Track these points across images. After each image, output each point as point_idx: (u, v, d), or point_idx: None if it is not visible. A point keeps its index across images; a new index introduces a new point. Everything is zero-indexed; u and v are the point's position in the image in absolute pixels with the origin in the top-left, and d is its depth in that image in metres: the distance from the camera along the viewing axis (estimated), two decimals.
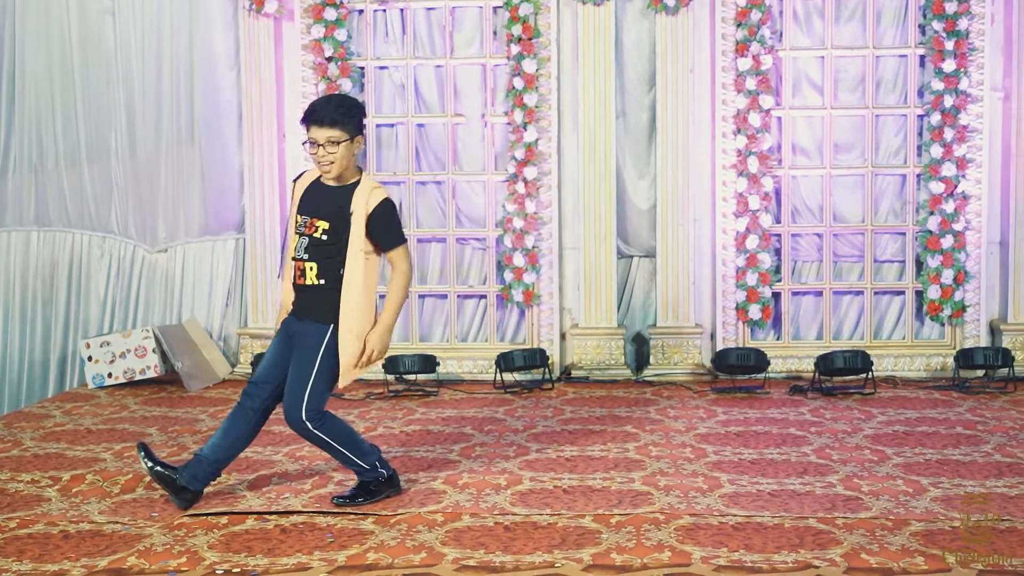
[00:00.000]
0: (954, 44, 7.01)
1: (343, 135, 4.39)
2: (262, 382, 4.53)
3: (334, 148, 4.39)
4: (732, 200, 7.20)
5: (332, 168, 4.41)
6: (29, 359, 7.82)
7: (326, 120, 4.38)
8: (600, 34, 7.17)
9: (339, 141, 4.39)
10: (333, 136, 4.38)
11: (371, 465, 4.57)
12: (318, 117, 4.38)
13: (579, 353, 7.28)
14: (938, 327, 7.29)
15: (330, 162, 4.40)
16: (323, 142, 4.38)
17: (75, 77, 7.68)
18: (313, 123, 4.39)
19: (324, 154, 4.39)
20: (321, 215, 4.43)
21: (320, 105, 4.45)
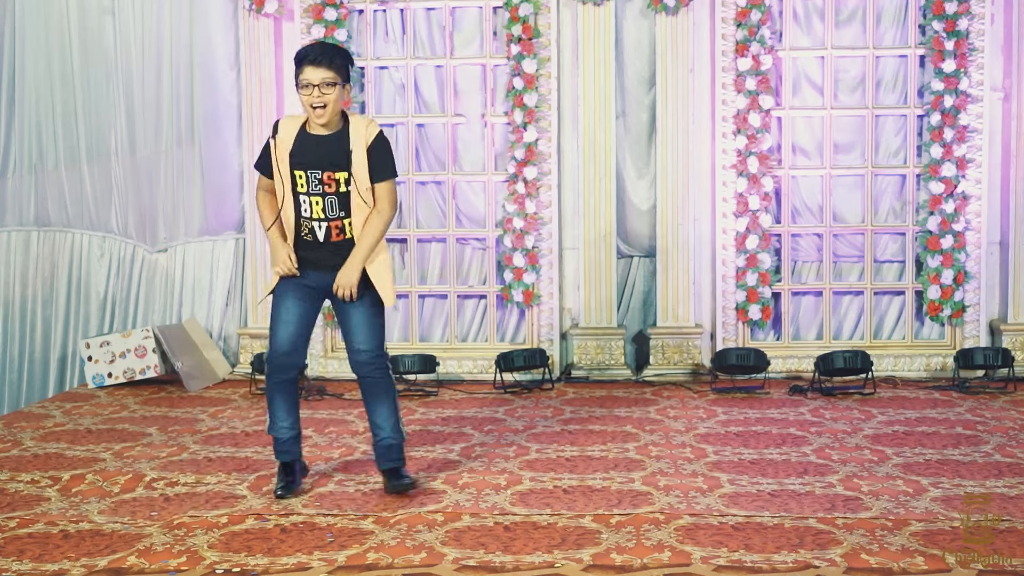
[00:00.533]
0: (954, 44, 7.01)
1: (337, 77, 4.42)
2: (292, 351, 4.56)
3: (329, 90, 4.41)
4: (732, 200, 7.20)
5: (325, 111, 4.42)
6: (29, 359, 7.82)
7: (322, 61, 4.40)
8: (600, 34, 7.17)
9: (333, 83, 4.41)
10: (328, 78, 4.40)
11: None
12: (313, 58, 4.40)
13: (579, 353, 7.28)
14: (938, 327, 7.29)
15: (323, 104, 4.41)
16: (318, 83, 4.39)
17: (75, 77, 7.68)
18: (308, 64, 4.40)
19: (319, 95, 4.40)
20: (337, 167, 4.45)
21: (314, 47, 4.49)
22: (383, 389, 4.63)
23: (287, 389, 4.66)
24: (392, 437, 4.67)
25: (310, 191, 4.46)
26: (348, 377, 7.33)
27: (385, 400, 4.65)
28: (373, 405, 4.66)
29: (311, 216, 4.49)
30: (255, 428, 6.01)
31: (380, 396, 4.64)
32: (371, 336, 4.57)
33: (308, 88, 4.41)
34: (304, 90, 4.42)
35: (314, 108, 4.42)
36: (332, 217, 4.48)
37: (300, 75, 4.43)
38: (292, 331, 4.55)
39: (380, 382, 4.62)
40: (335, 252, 4.53)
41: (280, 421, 4.68)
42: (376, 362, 4.59)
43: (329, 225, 4.49)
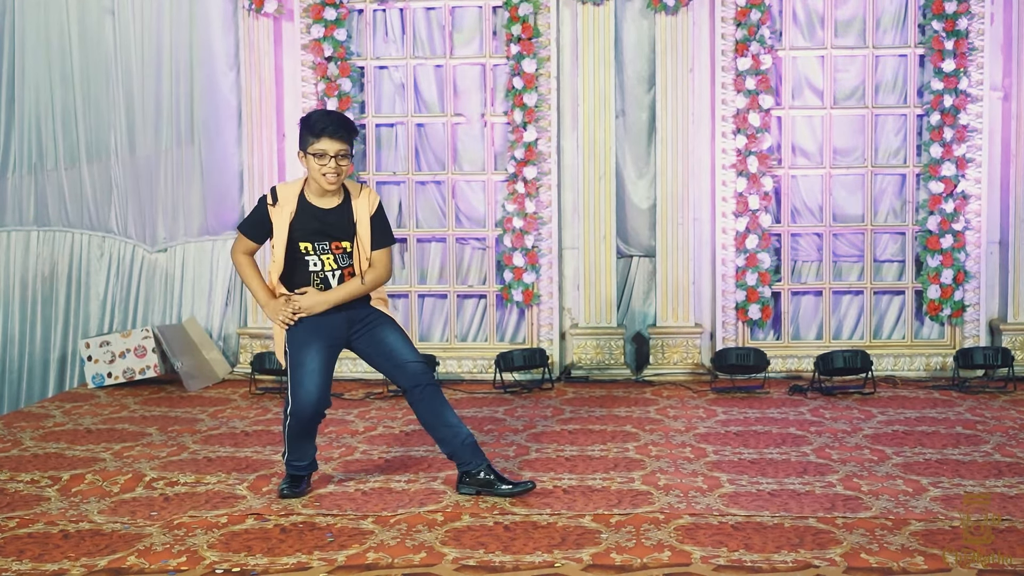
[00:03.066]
0: (954, 44, 7.01)
1: (350, 149, 4.51)
2: (321, 398, 4.55)
3: (344, 161, 4.48)
4: (732, 200, 7.20)
5: (337, 181, 4.49)
6: (29, 359, 7.82)
7: (341, 133, 4.46)
8: (600, 34, 7.17)
9: (347, 155, 4.48)
10: (343, 150, 4.47)
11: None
12: (334, 130, 4.44)
13: (579, 353, 7.28)
14: (938, 327, 7.29)
15: (337, 175, 4.48)
16: (334, 154, 4.45)
17: (75, 77, 7.68)
18: (327, 136, 4.44)
19: (335, 166, 4.46)
20: (341, 238, 4.55)
21: (331, 119, 4.51)
22: (439, 395, 4.64)
23: (311, 431, 4.68)
24: (470, 435, 4.67)
25: (318, 253, 4.55)
26: (348, 377, 7.35)
27: (445, 404, 4.65)
28: (439, 410, 4.63)
29: (322, 269, 4.56)
30: (255, 428, 6.01)
31: (440, 401, 4.63)
32: (413, 349, 4.65)
33: (324, 158, 4.45)
34: (319, 160, 4.45)
35: (326, 176, 4.46)
36: (344, 265, 4.58)
37: (315, 144, 4.45)
38: (319, 380, 4.53)
39: (435, 388, 4.64)
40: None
41: (300, 456, 4.69)
42: (427, 371, 4.62)
43: (342, 271, 4.57)
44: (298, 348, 4.53)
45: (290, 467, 4.71)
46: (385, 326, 4.63)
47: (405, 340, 4.64)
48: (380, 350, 4.62)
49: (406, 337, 4.67)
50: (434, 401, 4.61)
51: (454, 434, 4.63)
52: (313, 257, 4.55)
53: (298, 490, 4.68)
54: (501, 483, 4.60)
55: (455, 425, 4.64)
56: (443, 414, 4.63)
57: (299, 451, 4.68)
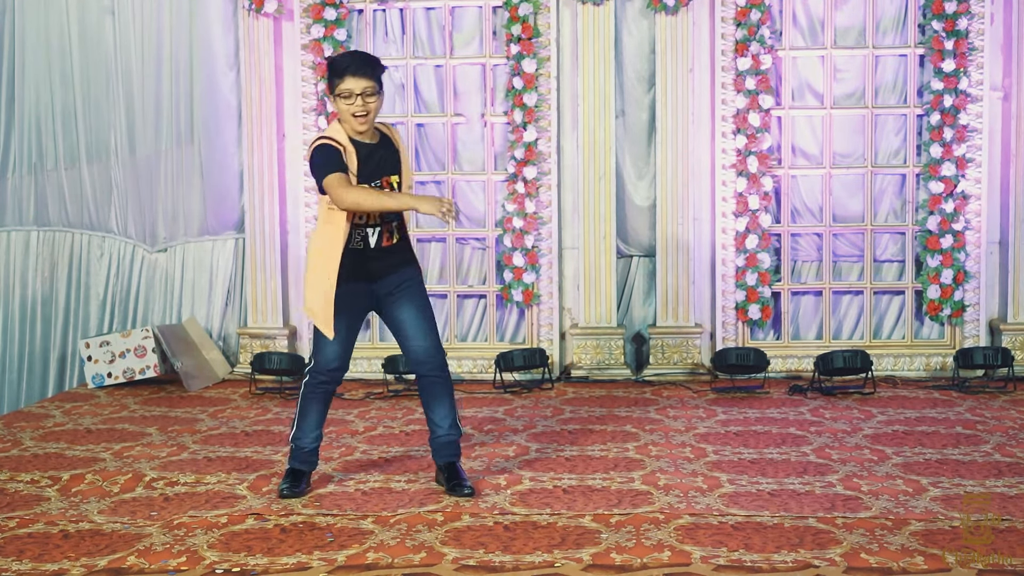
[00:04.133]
0: (954, 44, 7.01)
1: (377, 86, 4.49)
2: (340, 365, 4.61)
3: (371, 99, 4.47)
4: (732, 200, 7.20)
5: (367, 119, 4.48)
6: (28, 359, 7.82)
7: (365, 70, 4.45)
8: (600, 34, 7.17)
9: (374, 92, 4.47)
10: (369, 87, 4.46)
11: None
12: (356, 68, 4.44)
13: (579, 353, 7.28)
14: (938, 327, 7.29)
15: (365, 112, 4.46)
16: (360, 92, 4.44)
17: (75, 77, 7.68)
18: (350, 74, 4.43)
19: (361, 104, 4.45)
20: (391, 171, 4.57)
21: (354, 57, 4.52)
22: (443, 385, 4.66)
23: (325, 399, 4.70)
24: (451, 434, 4.69)
25: None
26: (349, 377, 7.31)
27: (445, 397, 4.68)
28: (432, 403, 4.68)
29: (366, 222, 4.52)
30: (255, 428, 6.01)
31: (441, 393, 4.66)
32: (431, 331, 4.65)
33: (350, 97, 4.44)
34: (346, 100, 4.45)
35: (356, 116, 4.46)
36: (385, 221, 4.55)
37: (340, 84, 4.45)
38: (340, 347, 4.58)
39: (439, 380, 4.65)
40: (384, 256, 4.57)
41: (309, 431, 4.70)
42: (438, 358, 4.64)
43: (382, 229, 4.54)
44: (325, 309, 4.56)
45: (293, 455, 4.71)
46: (408, 301, 4.61)
47: (421, 319, 4.62)
48: (399, 326, 4.65)
49: (427, 312, 4.65)
50: (427, 392, 4.67)
51: (431, 429, 4.72)
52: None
53: (298, 489, 4.68)
54: (450, 483, 4.67)
55: (436, 423, 4.68)
56: (432, 407, 4.68)
57: (307, 423, 4.68)
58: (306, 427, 4.70)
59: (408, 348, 4.65)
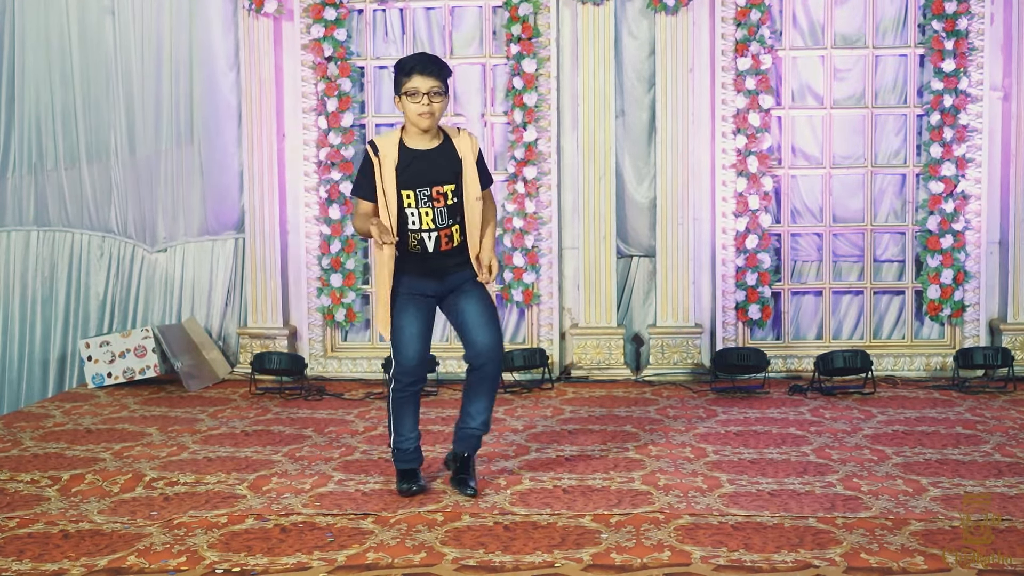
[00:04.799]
0: (954, 44, 7.01)
1: (444, 87, 4.50)
2: (420, 364, 4.64)
3: (437, 99, 4.48)
4: (732, 200, 7.20)
5: (432, 118, 4.49)
6: (28, 359, 7.82)
7: (432, 70, 4.47)
8: (600, 34, 7.17)
9: (440, 92, 4.48)
10: (436, 87, 4.47)
11: None
12: (423, 67, 4.47)
13: (579, 353, 7.28)
14: (938, 327, 7.29)
15: (431, 112, 4.47)
16: (427, 91, 4.45)
17: (74, 77, 7.68)
18: (417, 72, 4.46)
19: (427, 103, 4.45)
20: (445, 181, 4.54)
21: (421, 58, 4.55)
22: (490, 384, 4.69)
23: (415, 400, 4.72)
24: (481, 429, 4.73)
25: (418, 204, 4.52)
26: (348, 377, 7.36)
27: (491, 392, 4.70)
28: (473, 395, 4.70)
29: (420, 228, 4.52)
30: (255, 428, 6.01)
31: (488, 387, 4.69)
32: (493, 327, 4.64)
33: (416, 96, 4.45)
34: (412, 98, 4.46)
35: (420, 115, 4.47)
36: (442, 226, 4.54)
37: (407, 83, 4.47)
38: (418, 346, 4.61)
39: (489, 377, 4.67)
40: (444, 259, 4.59)
41: (407, 432, 4.72)
42: (496, 353, 4.64)
43: (439, 234, 4.54)
44: (398, 314, 4.59)
45: (397, 457, 4.73)
46: (472, 296, 4.63)
47: (484, 312, 4.62)
48: (461, 321, 4.66)
49: (488, 308, 4.64)
50: (476, 384, 4.69)
51: (463, 418, 4.74)
52: (413, 211, 4.52)
53: (419, 485, 4.70)
54: (457, 474, 4.71)
55: (471, 414, 4.71)
56: (472, 399, 4.72)
57: (405, 426, 4.69)
58: (404, 431, 4.72)
59: (469, 340, 4.65)
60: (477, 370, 4.66)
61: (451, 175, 4.56)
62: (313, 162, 7.38)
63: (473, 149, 4.61)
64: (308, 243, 7.42)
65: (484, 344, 4.61)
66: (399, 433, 4.72)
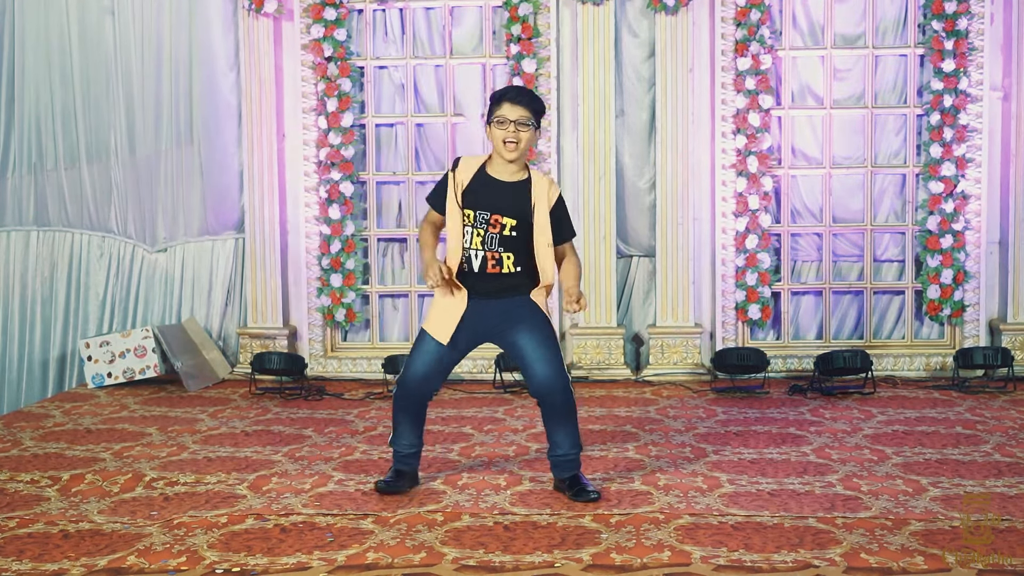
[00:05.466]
0: (953, 44, 7.01)
1: (533, 118, 4.50)
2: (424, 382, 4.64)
3: (524, 129, 4.48)
4: (732, 200, 7.20)
5: (516, 148, 4.48)
6: (28, 359, 7.82)
7: (522, 100, 4.49)
8: (600, 34, 7.17)
9: (528, 123, 4.48)
10: (524, 117, 4.47)
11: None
12: (513, 96, 4.50)
13: (579, 353, 7.28)
14: (938, 327, 7.29)
15: (516, 140, 4.47)
16: (514, 119, 4.46)
17: (74, 77, 7.68)
18: (507, 101, 4.48)
19: (513, 131, 4.46)
20: (506, 213, 4.52)
21: (515, 88, 4.62)
22: (566, 408, 4.63)
23: (415, 412, 4.72)
24: (570, 453, 4.67)
25: (475, 225, 4.52)
26: (348, 377, 7.36)
27: (568, 419, 4.64)
28: (555, 424, 4.66)
29: (470, 245, 4.54)
30: (255, 428, 6.01)
31: (563, 416, 4.64)
32: (551, 358, 4.58)
33: (504, 124, 4.47)
34: (500, 126, 4.48)
35: (506, 143, 4.47)
36: (489, 248, 4.53)
37: (497, 111, 4.49)
38: (427, 371, 4.61)
39: (562, 405, 4.62)
40: (490, 282, 4.56)
41: (403, 438, 4.73)
42: (559, 383, 4.58)
43: (485, 255, 4.53)
44: (427, 333, 4.60)
45: (396, 454, 4.75)
46: (525, 329, 4.58)
47: (539, 348, 4.57)
48: (521, 356, 4.63)
49: (548, 343, 4.58)
50: (550, 415, 4.65)
51: (551, 447, 4.70)
52: (468, 229, 4.53)
53: (396, 485, 4.70)
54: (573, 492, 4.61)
55: (558, 443, 4.66)
56: (554, 429, 4.66)
57: (402, 431, 4.70)
58: (400, 435, 4.73)
59: (529, 376, 4.63)
60: (544, 401, 4.63)
61: (516, 212, 4.53)
62: (313, 162, 7.38)
63: (551, 196, 4.55)
64: (308, 243, 7.42)
65: (545, 377, 4.57)
66: (396, 435, 4.74)
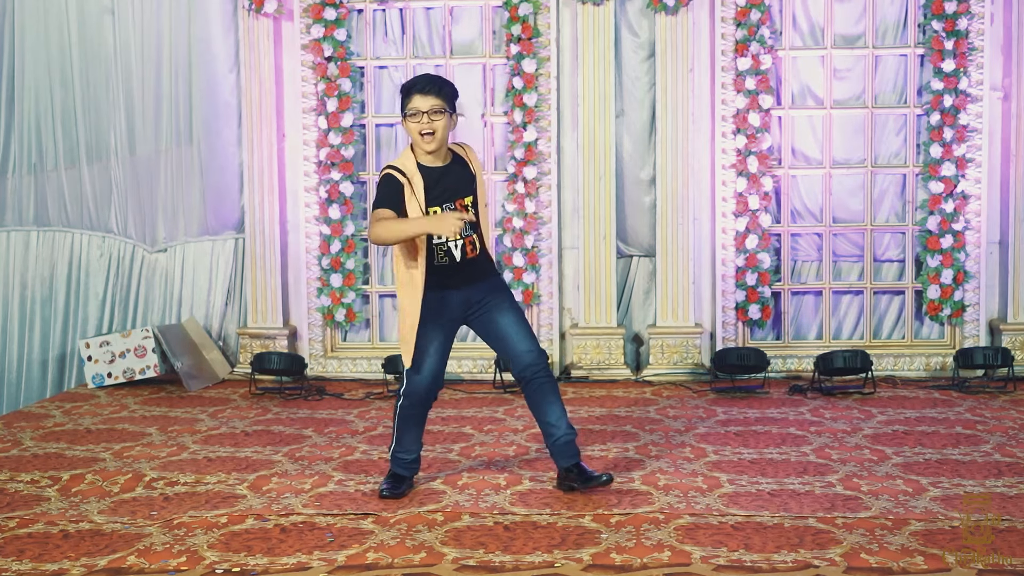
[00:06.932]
0: (953, 44, 7.01)
1: (445, 105, 4.50)
2: (434, 383, 4.65)
3: (437, 117, 4.48)
4: (732, 200, 7.20)
5: (434, 138, 4.49)
6: (28, 359, 7.82)
7: (431, 89, 4.50)
8: (600, 34, 7.17)
9: (442, 111, 4.49)
10: (436, 105, 4.48)
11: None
12: (422, 87, 4.50)
13: (579, 353, 7.28)
14: (937, 327, 7.29)
15: (431, 131, 4.48)
16: (427, 110, 4.47)
17: (74, 77, 7.68)
18: (417, 92, 4.49)
19: (428, 122, 4.47)
20: (463, 193, 4.59)
21: (423, 78, 4.60)
22: (551, 387, 4.66)
23: (421, 417, 4.74)
24: (568, 434, 4.67)
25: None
26: (348, 377, 7.36)
27: (555, 398, 4.66)
28: (544, 406, 4.66)
29: (446, 239, 4.54)
30: (255, 428, 6.01)
31: (550, 395, 4.65)
32: (528, 337, 4.64)
33: (417, 116, 4.48)
34: (412, 119, 4.49)
35: (423, 135, 4.48)
36: (466, 234, 4.58)
37: (408, 104, 4.50)
38: (435, 363, 4.61)
39: (547, 382, 4.64)
40: (470, 267, 4.60)
41: (408, 446, 4.73)
42: (541, 361, 4.63)
43: (464, 242, 4.57)
44: (422, 328, 4.57)
45: (395, 462, 4.75)
46: (502, 308, 4.64)
47: (519, 324, 4.63)
48: (494, 333, 4.66)
49: (521, 320, 4.66)
50: (538, 395, 4.65)
51: (549, 433, 4.68)
52: None
53: (398, 491, 4.68)
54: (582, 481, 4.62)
55: (553, 424, 4.65)
56: (544, 410, 4.66)
57: (407, 440, 4.71)
58: (404, 443, 4.73)
59: (512, 354, 4.65)
60: (531, 381, 4.63)
61: (469, 188, 4.61)
62: (313, 162, 7.38)
63: (475, 160, 4.69)
64: (308, 243, 7.42)
65: (530, 354, 4.60)
66: (400, 444, 4.73)
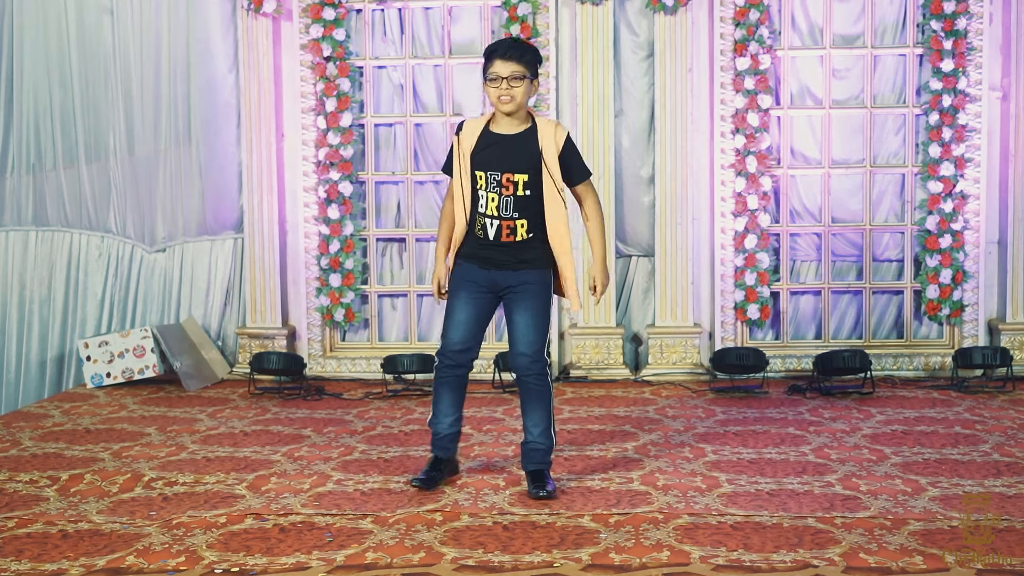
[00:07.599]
0: (952, 44, 7.02)
1: (526, 71, 4.49)
2: (464, 348, 4.66)
3: (517, 83, 4.48)
4: (731, 200, 7.20)
5: (512, 103, 4.48)
6: (27, 359, 7.81)
7: (512, 55, 4.49)
8: (599, 33, 7.17)
9: (522, 77, 4.48)
10: (516, 71, 4.47)
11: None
12: (503, 52, 4.49)
13: (578, 353, 7.28)
14: (936, 327, 7.30)
15: (511, 97, 4.47)
16: (507, 75, 4.46)
17: (73, 77, 7.67)
18: (498, 57, 4.48)
19: (507, 87, 4.47)
20: (517, 169, 4.52)
21: (505, 42, 4.59)
22: (538, 394, 4.65)
23: (456, 384, 4.74)
24: (539, 442, 4.68)
25: (488, 188, 4.53)
26: (347, 377, 7.36)
27: (539, 405, 4.66)
28: (527, 408, 4.69)
29: (485, 212, 4.55)
30: (254, 428, 6.01)
31: (535, 400, 4.66)
32: (534, 340, 4.60)
33: (496, 81, 4.48)
34: (492, 83, 4.49)
35: (501, 100, 4.48)
36: (504, 216, 4.54)
37: (489, 68, 4.50)
38: (463, 330, 4.64)
39: (536, 386, 4.64)
40: (503, 251, 4.58)
41: (443, 416, 4.75)
42: (535, 367, 4.61)
43: (500, 224, 4.55)
44: (452, 296, 4.65)
45: (432, 436, 4.78)
46: (519, 304, 4.61)
47: (533, 326, 4.59)
48: (510, 325, 4.67)
49: (538, 322, 4.59)
50: (523, 396, 4.69)
51: (524, 437, 4.73)
52: (483, 193, 4.54)
53: (435, 477, 4.72)
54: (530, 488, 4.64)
55: (528, 428, 4.69)
56: (526, 411, 4.70)
57: (439, 408, 4.73)
58: (440, 411, 4.75)
59: (511, 352, 4.67)
60: (522, 382, 4.67)
61: (526, 165, 4.52)
62: (312, 162, 7.38)
63: (558, 140, 4.54)
64: (307, 243, 7.42)
65: (525, 358, 4.60)
66: (435, 413, 4.77)
